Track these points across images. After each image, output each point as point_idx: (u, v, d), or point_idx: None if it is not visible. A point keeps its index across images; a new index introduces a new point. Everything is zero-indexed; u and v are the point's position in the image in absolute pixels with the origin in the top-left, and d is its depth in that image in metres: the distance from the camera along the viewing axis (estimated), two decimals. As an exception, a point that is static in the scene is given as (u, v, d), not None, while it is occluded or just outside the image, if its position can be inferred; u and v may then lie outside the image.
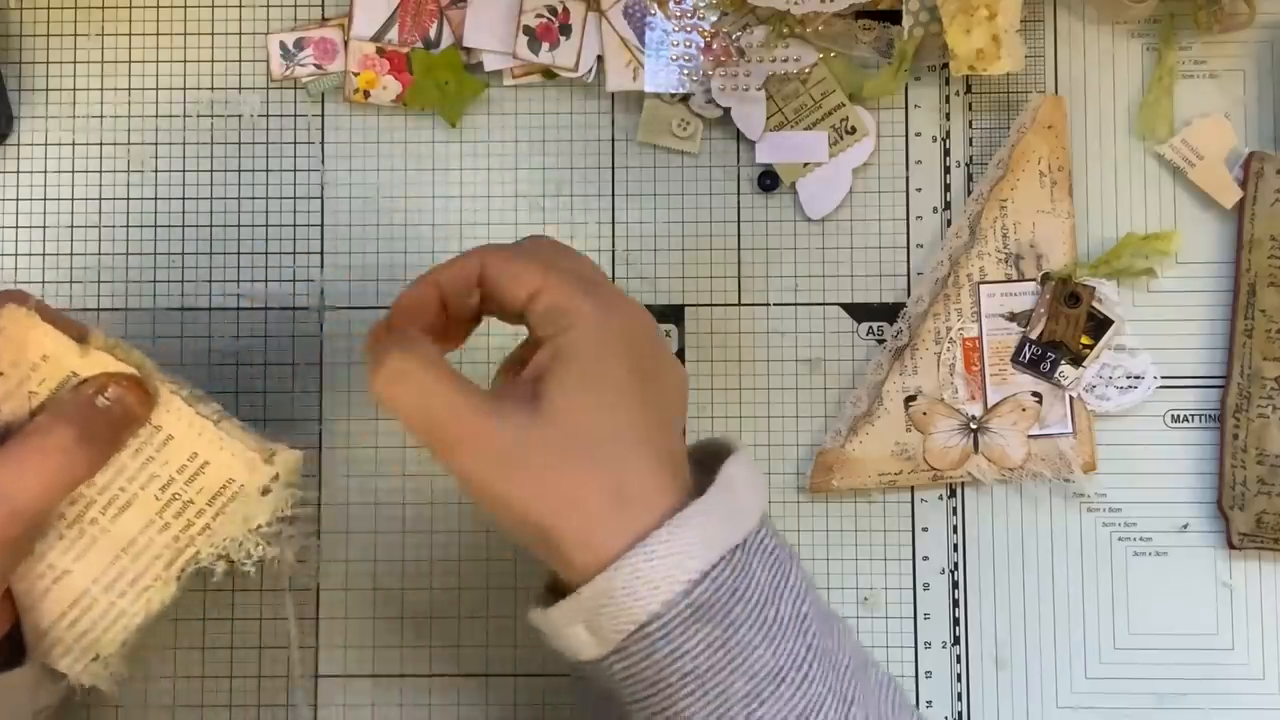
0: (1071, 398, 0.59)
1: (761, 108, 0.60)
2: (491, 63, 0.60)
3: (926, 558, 0.60)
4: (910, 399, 0.59)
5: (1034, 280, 0.59)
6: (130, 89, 0.61)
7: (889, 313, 0.60)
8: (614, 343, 0.44)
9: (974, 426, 0.59)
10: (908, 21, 0.59)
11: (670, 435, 0.44)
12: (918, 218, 0.61)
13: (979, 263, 0.59)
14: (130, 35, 0.61)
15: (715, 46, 0.60)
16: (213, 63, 0.61)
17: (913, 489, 0.60)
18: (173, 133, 0.61)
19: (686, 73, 0.60)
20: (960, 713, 0.59)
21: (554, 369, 0.43)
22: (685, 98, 0.60)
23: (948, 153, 0.61)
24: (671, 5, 0.60)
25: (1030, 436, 0.59)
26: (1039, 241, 0.59)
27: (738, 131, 0.60)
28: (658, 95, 0.60)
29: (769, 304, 0.60)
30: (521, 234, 0.60)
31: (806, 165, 0.60)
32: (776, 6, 0.58)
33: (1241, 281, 0.59)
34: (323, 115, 0.61)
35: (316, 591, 0.59)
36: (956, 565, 0.60)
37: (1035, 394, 0.59)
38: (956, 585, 0.60)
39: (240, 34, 0.61)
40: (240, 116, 0.61)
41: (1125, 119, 0.61)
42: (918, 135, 0.61)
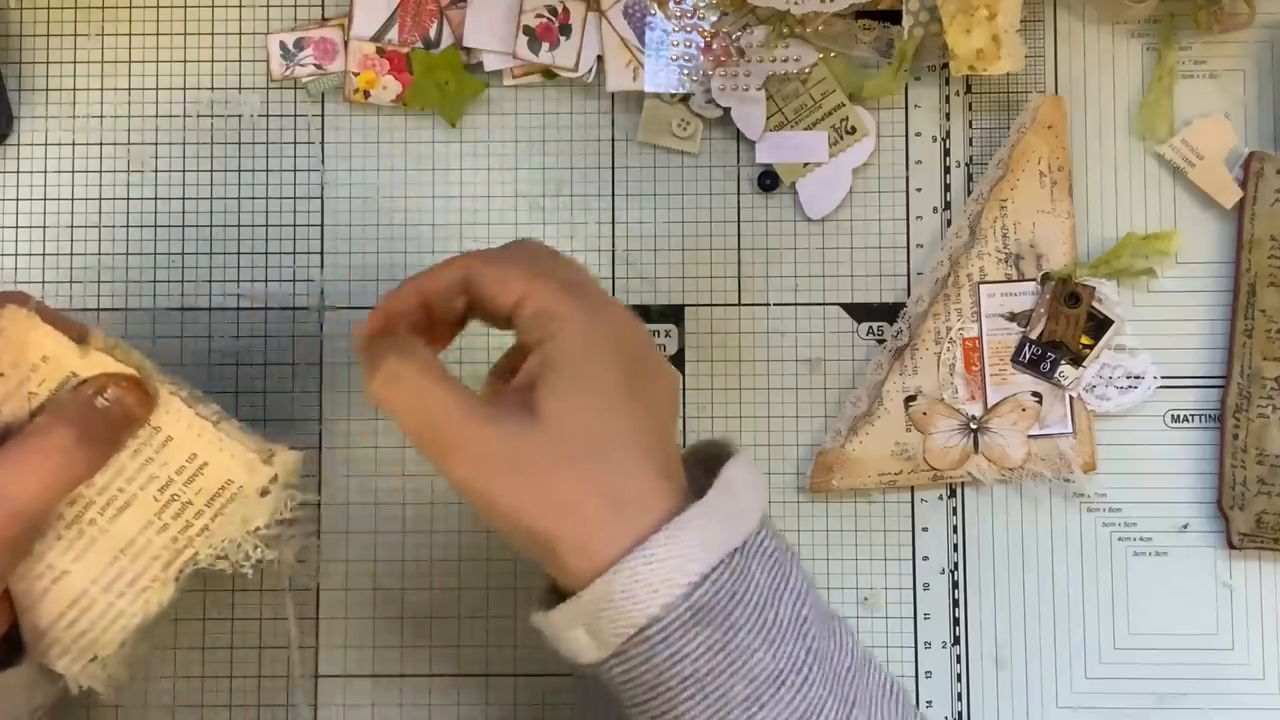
0: (1071, 398, 0.59)
1: (761, 108, 0.60)
2: (491, 63, 0.60)
3: (926, 558, 0.60)
4: (910, 399, 0.59)
5: (1034, 280, 0.59)
6: (130, 89, 0.61)
7: (889, 313, 0.60)
8: (603, 347, 0.43)
9: (974, 426, 0.59)
10: (908, 21, 0.59)
11: (664, 438, 0.44)
12: (918, 218, 0.61)
13: (979, 263, 0.59)
14: (130, 35, 0.61)
15: (715, 46, 0.60)
16: (213, 63, 0.61)
17: (913, 489, 0.60)
18: (173, 133, 0.61)
19: (686, 73, 0.60)
20: (960, 713, 0.59)
21: (545, 375, 0.43)
22: (685, 98, 0.60)
23: (948, 153, 0.61)
24: (671, 5, 0.60)
25: (1030, 436, 0.59)
26: (1039, 241, 0.59)
27: (738, 131, 0.60)
28: (658, 95, 0.60)
29: (769, 304, 0.60)
30: (521, 234, 0.60)
31: (806, 165, 0.60)
32: (776, 6, 0.58)
33: (1241, 281, 0.59)
34: (323, 115, 0.61)
35: (316, 591, 0.59)
36: (956, 565, 0.60)
37: (1035, 394, 0.59)
38: (956, 585, 0.60)
39: (240, 34, 0.61)
40: (240, 116, 0.61)
41: (1125, 119, 0.61)
42: (918, 135, 0.61)
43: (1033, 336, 0.59)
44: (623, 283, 0.60)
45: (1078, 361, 0.59)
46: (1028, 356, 0.59)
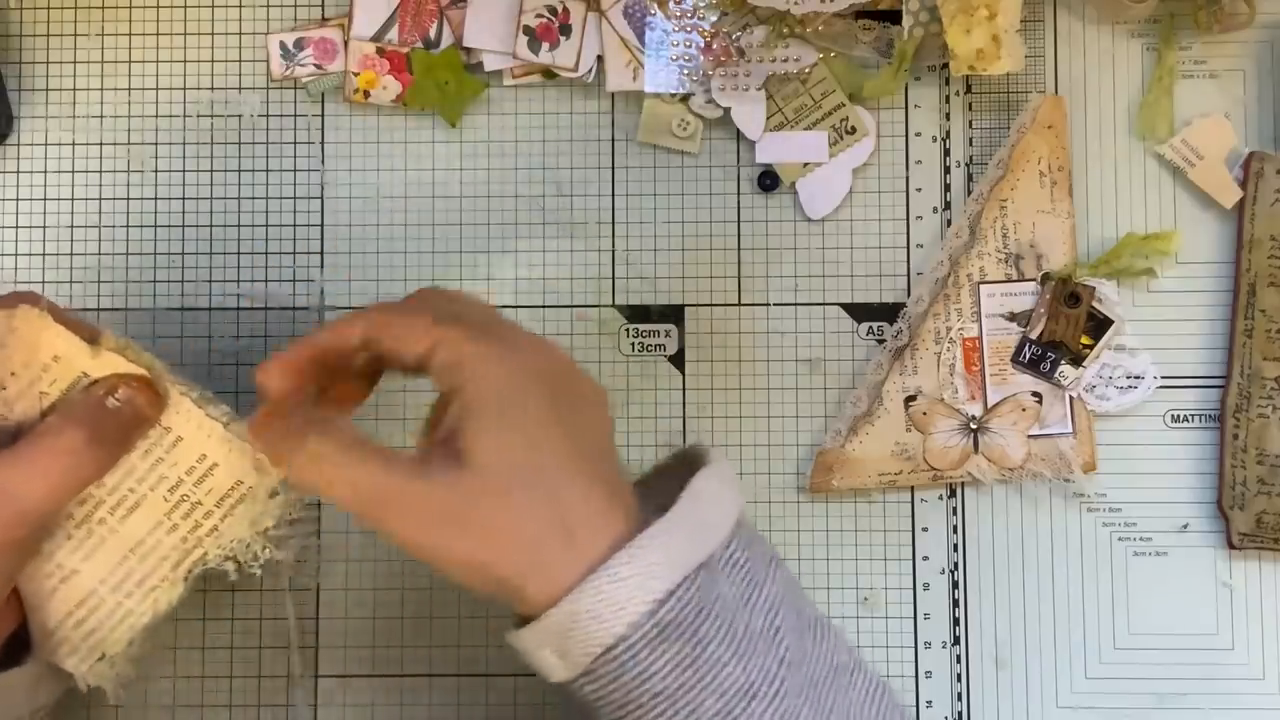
0: (1071, 398, 0.59)
1: (761, 108, 0.60)
2: (491, 63, 0.60)
3: (926, 558, 0.60)
4: (910, 399, 0.59)
5: (1034, 280, 0.59)
6: (130, 89, 0.61)
7: (889, 313, 0.60)
8: (521, 381, 0.43)
9: (974, 426, 0.59)
10: (908, 21, 0.59)
11: (600, 460, 0.44)
12: (918, 218, 0.61)
13: (979, 263, 0.59)
14: (130, 35, 0.61)
15: (715, 46, 0.60)
16: (213, 63, 0.61)
17: (913, 489, 0.60)
18: (173, 133, 0.61)
19: (686, 73, 0.60)
20: (960, 713, 0.59)
21: (467, 419, 0.42)
22: (685, 98, 0.60)
23: (948, 153, 0.61)
24: (671, 5, 0.60)
25: (1030, 436, 0.59)
26: (1039, 241, 0.59)
27: (738, 131, 0.60)
28: (658, 95, 0.60)
29: (769, 304, 0.60)
30: (521, 234, 0.60)
31: (806, 165, 0.60)
32: (776, 6, 0.58)
33: (1241, 281, 0.59)
34: (323, 115, 0.61)
35: (316, 591, 0.59)
36: (956, 565, 0.60)
37: (1035, 394, 0.59)
38: (956, 585, 0.60)
39: (240, 34, 0.61)
40: (240, 116, 0.61)
41: (1125, 119, 0.61)
42: (918, 135, 0.61)
43: (1033, 336, 0.59)
44: (623, 283, 0.60)
45: (1078, 361, 0.59)
46: (1028, 356, 0.59)
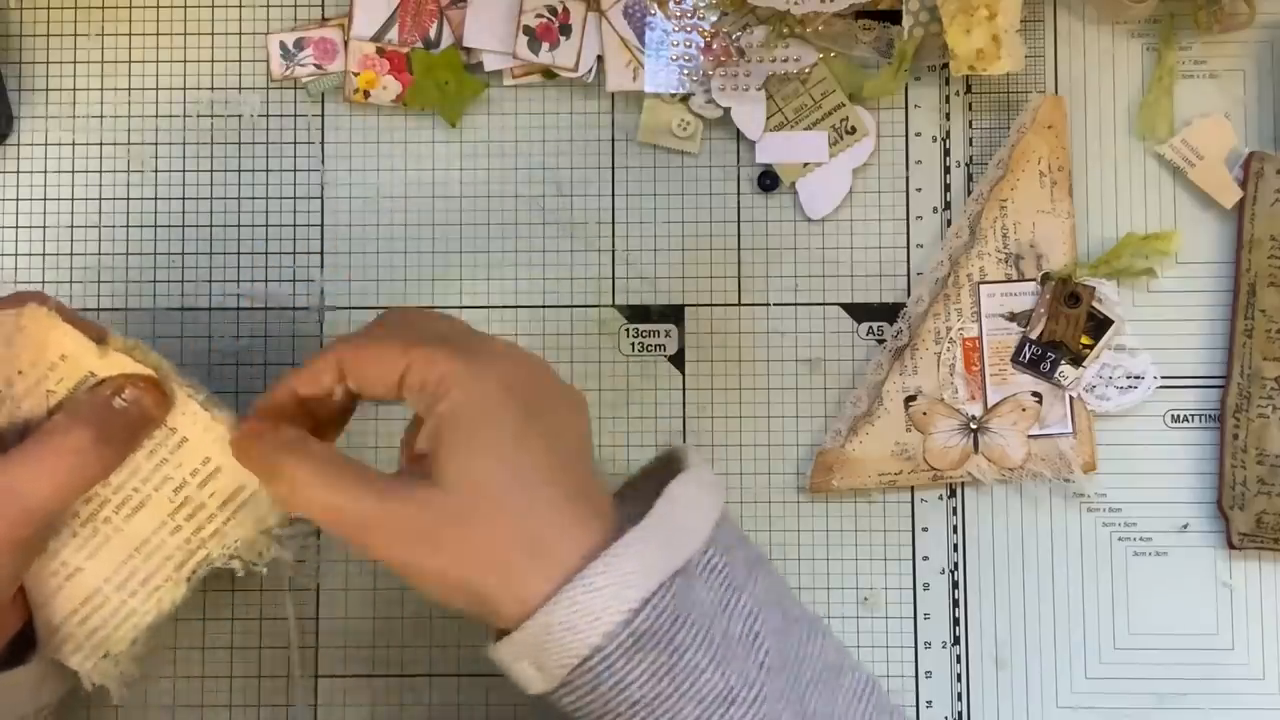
0: (1071, 398, 0.59)
1: (761, 108, 0.60)
2: (491, 63, 0.60)
3: (926, 558, 0.60)
4: (910, 399, 0.59)
5: (1034, 280, 0.59)
6: (130, 89, 0.61)
7: (889, 313, 0.60)
8: (495, 395, 0.43)
9: (974, 426, 0.59)
10: (908, 21, 0.59)
11: (576, 470, 0.44)
12: (918, 218, 0.61)
13: (979, 263, 0.59)
14: (130, 35, 0.61)
15: (715, 46, 0.60)
16: (213, 63, 0.61)
17: (913, 489, 0.60)
18: (173, 133, 0.61)
19: (686, 73, 0.60)
20: (960, 713, 0.59)
21: (441, 439, 0.43)
22: (685, 98, 0.60)
23: (948, 153, 0.61)
24: (671, 5, 0.60)
25: (1030, 436, 0.59)
26: (1039, 241, 0.59)
27: (738, 131, 0.60)
28: (658, 95, 0.60)
29: (769, 304, 0.60)
30: (521, 234, 0.60)
31: (806, 165, 0.60)
32: (776, 6, 0.58)
33: (1241, 281, 0.59)
34: (323, 115, 0.61)
35: (316, 591, 0.59)
36: (956, 565, 0.60)
37: (1035, 394, 0.59)
38: (956, 585, 0.60)
39: (240, 34, 0.61)
40: (240, 116, 0.61)
41: (1125, 119, 0.61)
42: (918, 135, 0.61)
43: (1033, 336, 0.59)
44: (623, 283, 0.60)
45: (1078, 361, 0.59)
46: (1028, 356, 0.59)
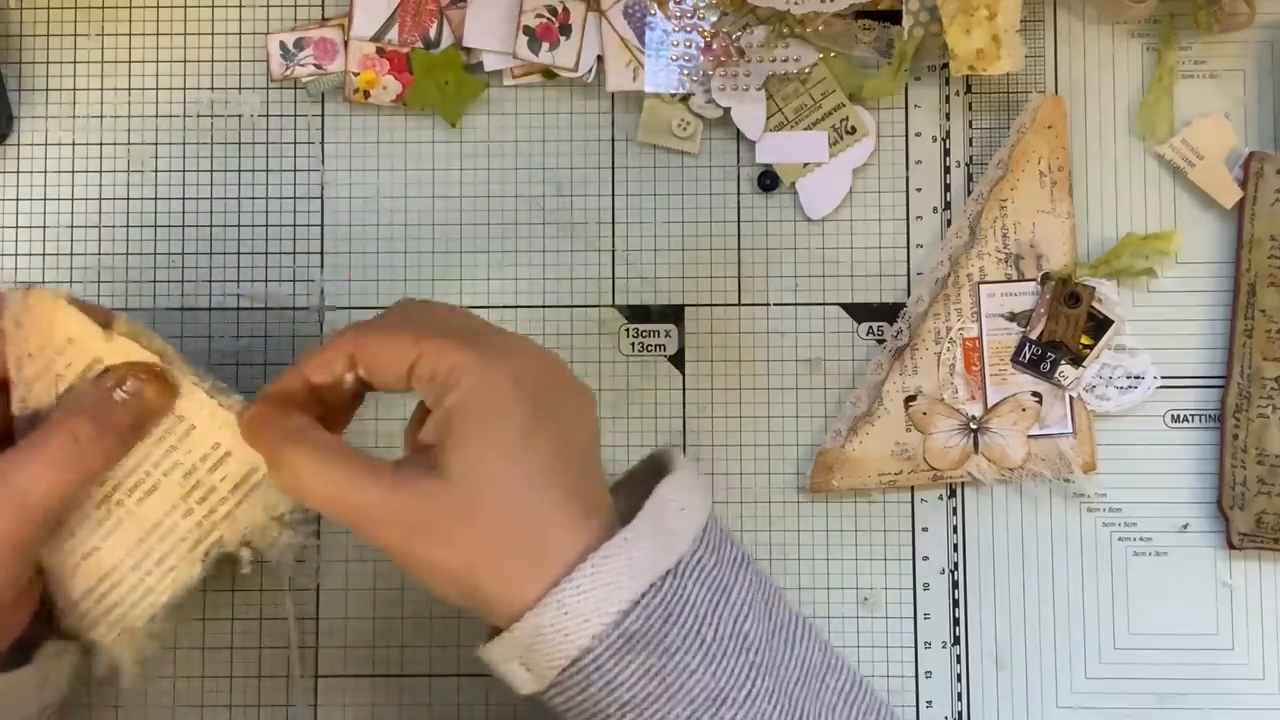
0: (1071, 398, 0.59)
1: (761, 108, 0.60)
2: (491, 63, 0.60)
3: (926, 558, 0.60)
4: (910, 399, 0.59)
5: (1034, 280, 0.59)
6: (130, 89, 0.61)
7: (889, 313, 0.60)
8: (504, 390, 0.43)
9: (974, 426, 0.59)
10: (908, 21, 0.59)
11: (579, 470, 0.44)
12: (918, 218, 0.61)
13: (979, 263, 0.59)
14: (130, 35, 0.61)
15: (715, 46, 0.60)
16: (213, 63, 0.61)
17: (913, 489, 0.60)
18: (173, 133, 0.61)
19: (686, 73, 0.60)
20: (960, 713, 0.59)
21: (448, 431, 0.43)
22: (685, 98, 0.60)
23: (948, 153, 0.61)
24: (671, 5, 0.60)
25: (1030, 436, 0.59)
26: (1039, 241, 0.59)
27: (738, 131, 0.60)
28: (658, 95, 0.60)
29: (769, 304, 0.60)
30: (521, 234, 0.60)
31: (806, 165, 0.60)
32: (776, 6, 0.58)
33: (1241, 281, 0.59)
34: (323, 115, 0.61)
35: (316, 591, 0.59)
36: (956, 565, 0.60)
37: (1035, 394, 0.59)
38: (956, 585, 0.60)
39: (240, 34, 0.61)
40: (240, 116, 0.61)
41: (1125, 119, 0.61)
42: (918, 135, 0.61)
43: (1033, 336, 0.59)
44: (623, 283, 0.60)
45: (1078, 361, 0.59)
46: (1028, 356, 0.59)
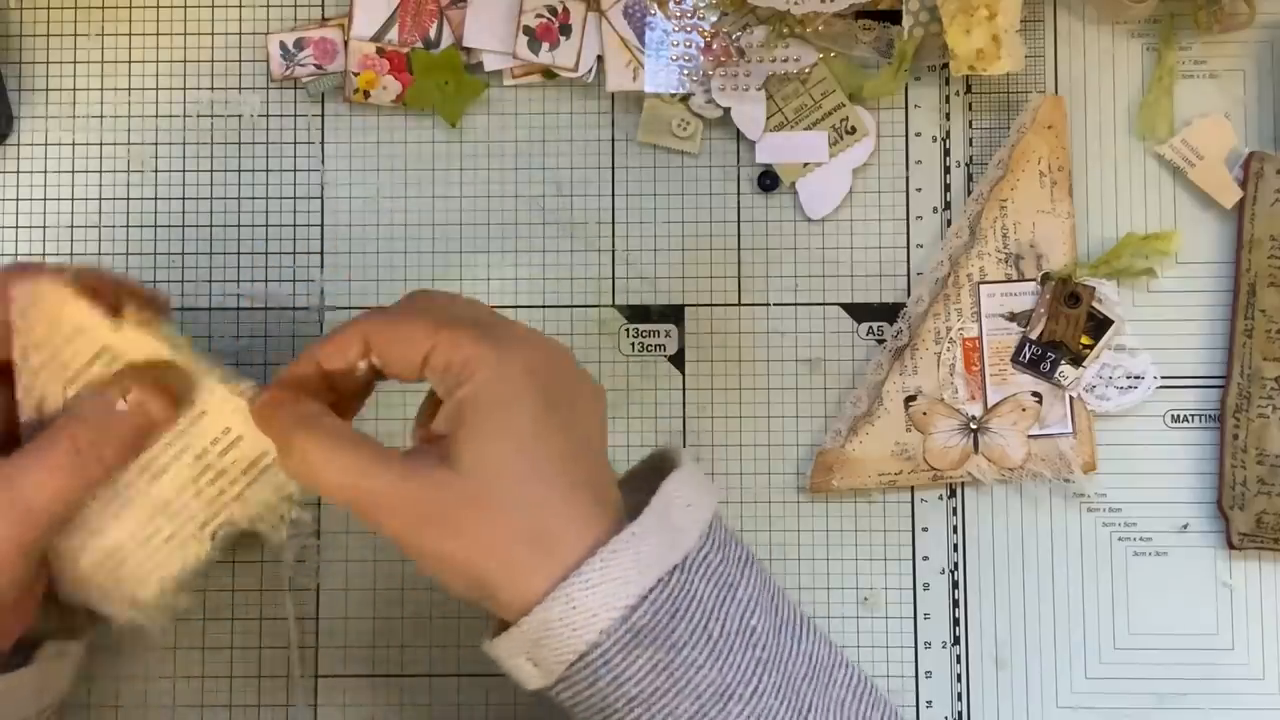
0: (1071, 398, 0.59)
1: (761, 108, 0.60)
2: (491, 63, 0.60)
3: (926, 558, 0.60)
4: (910, 399, 0.59)
5: (1034, 280, 0.59)
6: (130, 89, 0.61)
7: (889, 313, 0.60)
8: (518, 382, 0.43)
9: (974, 426, 0.59)
10: (908, 21, 0.59)
11: (589, 463, 0.44)
12: (918, 218, 0.61)
13: (979, 263, 0.59)
14: (130, 35, 0.61)
15: (715, 46, 0.60)
16: (213, 63, 0.61)
17: (913, 489, 0.60)
18: (173, 133, 0.61)
19: (686, 73, 0.60)
20: (960, 713, 0.59)
21: (462, 422, 0.43)
22: (685, 98, 0.60)
23: (948, 153, 0.61)
24: (671, 5, 0.60)
25: (1030, 436, 0.59)
26: (1039, 241, 0.59)
27: (738, 131, 0.60)
28: (658, 95, 0.60)
29: (769, 304, 0.60)
30: (521, 234, 0.60)
31: (806, 165, 0.60)
32: (776, 6, 0.58)
33: (1241, 281, 0.59)
34: (323, 115, 0.61)
35: (316, 591, 0.59)
36: (956, 565, 0.60)
37: (1035, 394, 0.59)
38: (956, 585, 0.60)
39: (240, 34, 0.61)
40: (240, 116, 0.61)
41: (1125, 119, 0.61)
42: (918, 135, 0.61)
43: (1033, 336, 0.59)
44: (623, 283, 0.60)
45: (1078, 361, 0.59)
46: (1028, 356, 0.59)
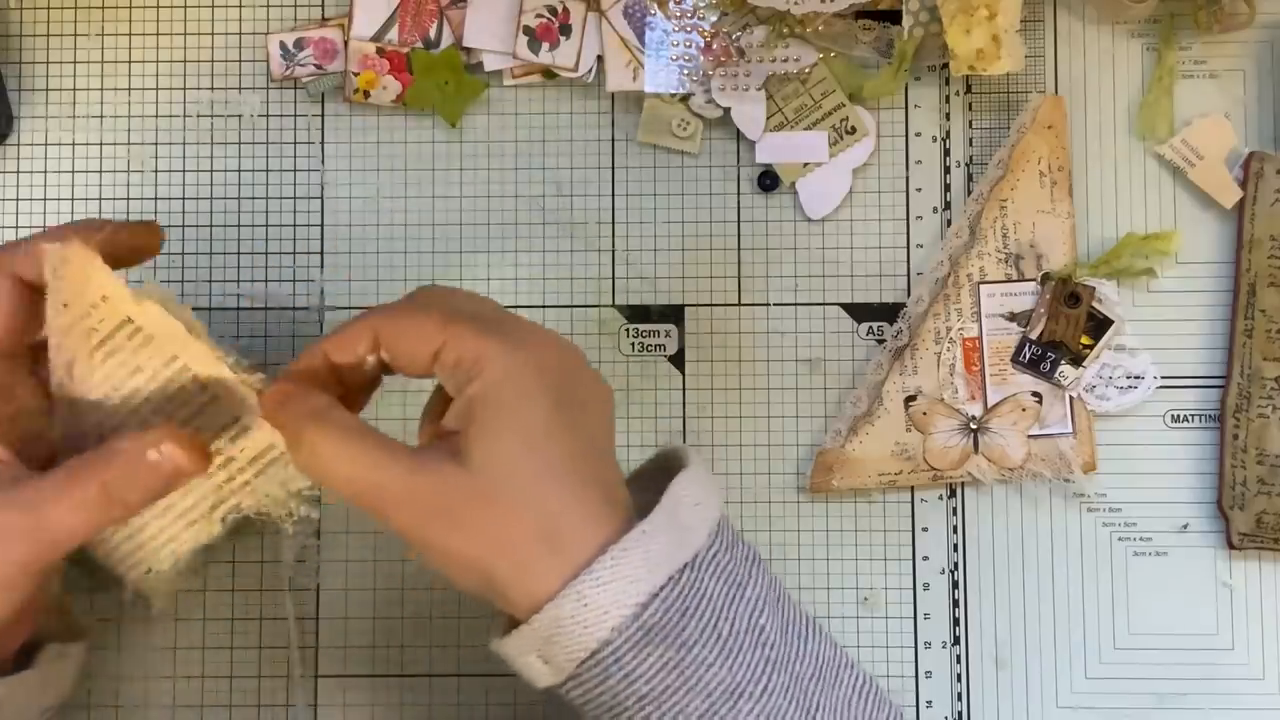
0: (1071, 398, 0.59)
1: (761, 108, 0.60)
2: (491, 63, 0.60)
3: (926, 558, 0.60)
4: (910, 399, 0.59)
5: (1034, 280, 0.59)
6: (130, 89, 0.61)
7: (889, 313, 0.60)
8: (528, 379, 0.43)
9: (974, 426, 0.59)
10: (908, 21, 0.59)
11: (598, 461, 0.44)
12: (918, 218, 0.61)
13: (979, 263, 0.59)
14: (130, 35, 0.61)
15: (715, 46, 0.60)
16: (213, 63, 0.61)
17: (913, 489, 0.60)
18: (173, 133, 0.61)
19: (686, 73, 0.60)
20: (960, 713, 0.59)
21: (471, 419, 0.43)
22: (685, 98, 0.60)
23: (948, 153, 0.61)
24: (671, 5, 0.60)
25: (1030, 436, 0.59)
26: (1039, 241, 0.59)
27: (738, 131, 0.60)
28: (658, 95, 0.60)
29: (769, 304, 0.60)
30: (521, 234, 0.60)
31: (806, 165, 0.60)
32: (776, 6, 0.58)
33: (1241, 281, 0.59)
34: (323, 115, 0.61)
35: (316, 591, 0.59)
36: (956, 565, 0.60)
37: (1035, 394, 0.59)
38: (956, 585, 0.60)
39: (240, 34, 0.61)
40: (240, 116, 0.61)
41: (1125, 119, 0.61)
42: (918, 135, 0.61)
43: (1033, 336, 0.59)
44: (623, 283, 0.60)
45: (1078, 361, 0.59)
46: (1028, 356, 0.59)
